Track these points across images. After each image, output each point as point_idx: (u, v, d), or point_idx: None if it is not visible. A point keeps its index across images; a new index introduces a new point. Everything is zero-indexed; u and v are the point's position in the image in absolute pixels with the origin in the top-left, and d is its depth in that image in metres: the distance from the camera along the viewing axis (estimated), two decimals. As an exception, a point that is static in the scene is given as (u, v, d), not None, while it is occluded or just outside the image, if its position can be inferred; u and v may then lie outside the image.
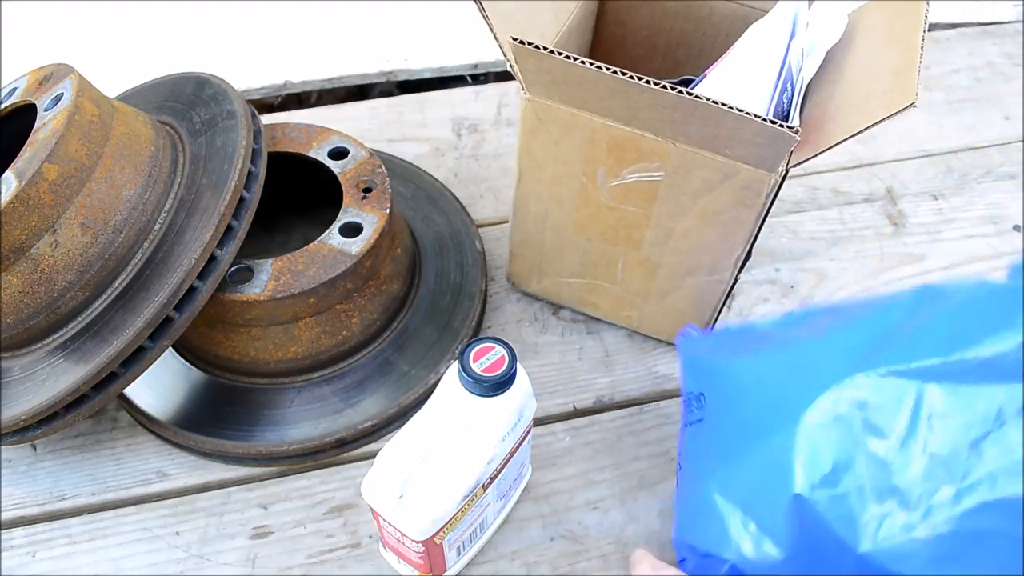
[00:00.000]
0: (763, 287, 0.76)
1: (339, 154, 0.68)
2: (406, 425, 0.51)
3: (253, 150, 0.60)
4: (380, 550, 0.58)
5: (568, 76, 0.53)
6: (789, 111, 0.57)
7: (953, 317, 0.44)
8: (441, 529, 0.49)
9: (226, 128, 0.60)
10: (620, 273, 0.66)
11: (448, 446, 0.49)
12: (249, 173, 0.59)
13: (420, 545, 0.50)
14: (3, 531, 0.60)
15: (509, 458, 0.53)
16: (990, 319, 0.43)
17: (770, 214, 0.58)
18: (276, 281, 0.60)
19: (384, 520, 0.50)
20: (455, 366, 0.48)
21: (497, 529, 0.60)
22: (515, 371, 0.48)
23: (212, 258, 0.56)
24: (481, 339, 0.48)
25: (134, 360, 0.55)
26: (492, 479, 0.52)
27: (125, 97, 0.69)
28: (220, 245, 0.57)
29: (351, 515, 0.61)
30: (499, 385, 0.47)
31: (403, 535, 0.49)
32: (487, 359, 0.47)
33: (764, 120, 0.48)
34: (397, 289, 0.68)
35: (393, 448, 0.50)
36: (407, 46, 0.99)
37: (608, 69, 0.50)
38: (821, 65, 0.61)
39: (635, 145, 0.56)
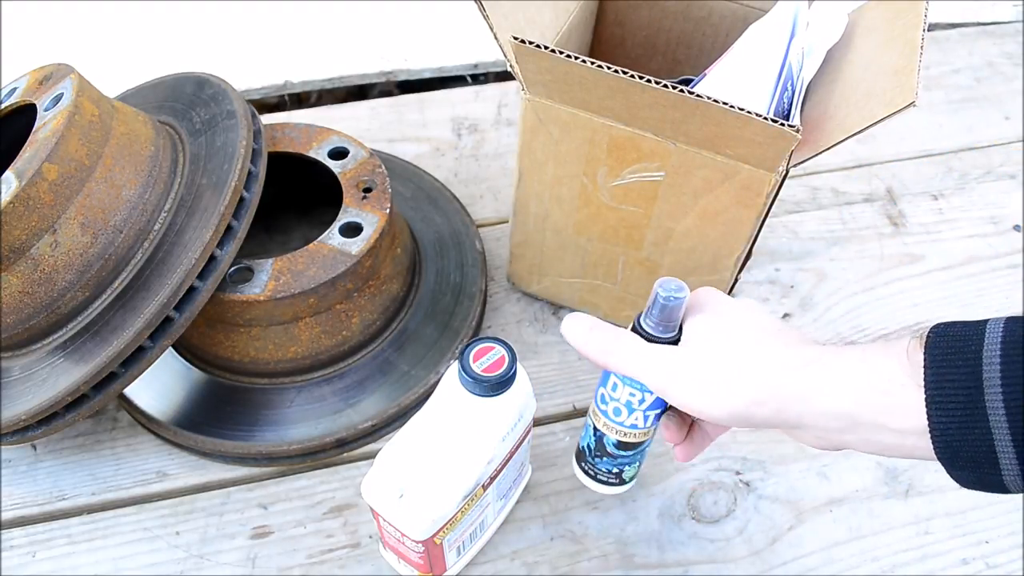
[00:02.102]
0: (763, 287, 0.76)
1: (339, 154, 0.68)
2: (406, 425, 0.51)
3: (253, 150, 0.60)
4: (380, 550, 0.58)
5: (569, 75, 0.53)
6: (789, 111, 0.57)
7: None
8: (441, 529, 0.49)
9: (226, 128, 0.60)
10: (620, 273, 0.66)
11: (448, 446, 0.49)
12: (249, 173, 0.59)
13: (420, 545, 0.50)
14: (3, 531, 0.60)
15: (509, 458, 0.53)
16: None
17: (770, 214, 0.58)
18: (276, 281, 0.60)
19: (384, 520, 0.50)
20: (455, 366, 0.48)
21: (497, 529, 0.60)
22: (515, 371, 0.48)
23: (212, 258, 0.56)
24: (481, 339, 0.48)
25: (134, 360, 0.55)
26: (492, 479, 0.52)
27: (125, 97, 0.69)
28: (220, 245, 0.57)
29: (351, 515, 0.61)
30: (499, 385, 0.47)
31: (403, 535, 0.49)
32: (487, 359, 0.47)
33: (765, 119, 0.48)
34: (397, 289, 0.68)
35: (393, 448, 0.50)
36: (407, 46, 0.99)
37: (609, 68, 0.50)
38: (821, 65, 0.61)
39: (635, 145, 0.56)
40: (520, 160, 0.62)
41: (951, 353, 0.35)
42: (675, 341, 0.46)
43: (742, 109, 0.49)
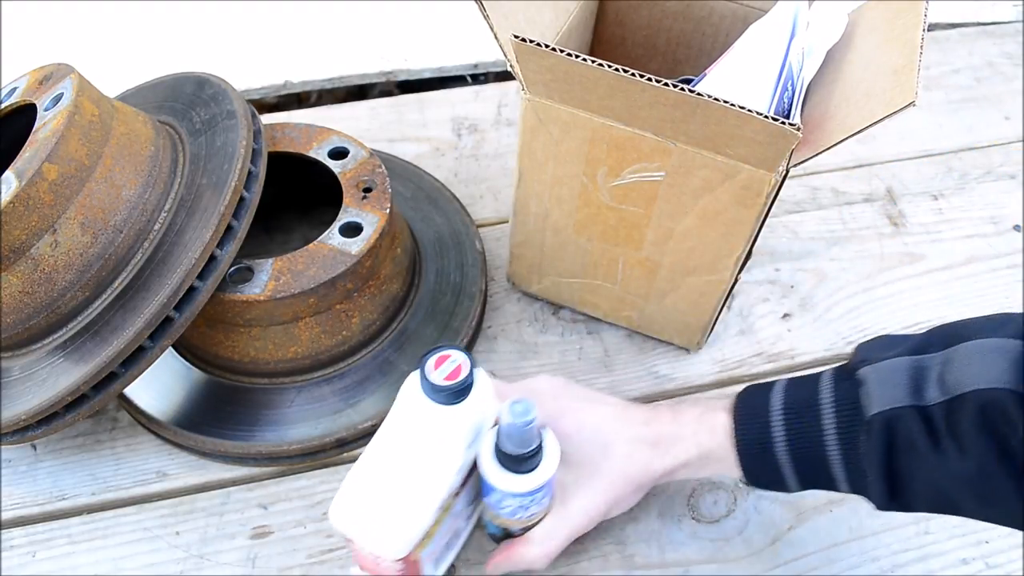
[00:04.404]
0: (763, 287, 0.76)
1: (339, 154, 0.68)
2: (370, 444, 0.50)
3: (253, 150, 0.60)
4: (352, 570, 0.56)
5: (569, 75, 0.53)
6: (790, 111, 0.57)
7: None
8: (418, 545, 0.48)
9: (226, 128, 0.60)
10: (620, 273, 0.66)
11: (415, 460, 0.48)
12: (249, 173, 0.59)
13: (398, 563, 0.48)
14: (3, 531, 0.60)
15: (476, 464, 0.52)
16: None
17: (770, 214, 0.58)
18: (276, 281, 0.60)
19: (358, 544, 0.49)
20: (413, 377, 0.47)
21: (472, 532, 0.59)
22: (474, 376, 0.47)
23: (212, 258, 0.56)
24: (437, 348, 0.47)
25: (134, 360, 0.55)
26: (463, 486, 0.51)
27: (125, 97, 0.69)
28: (220, 245, 0.57)
29: (351, 515, 0.61)
30: (460, 391, 0.46)
31: (379, 557, 0.48)
32: (446, 367, 0.47)
33: (766, 117, 0.48)
34: (397, 289, 0.68)
35: (360, 469, 0.49)
36: (407, 46, 0.99)
37: (609, 67, 0.50)
38: (821, 65, 0.61)
39: (636, 145, 0.56)
40: (520, 160, 0.62)
41: (748, 418, 0.52)
42: (538, 449, 0.49)
43: (743, 107, 0.49)
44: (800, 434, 0.49)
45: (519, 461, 0.49)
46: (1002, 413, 0.43)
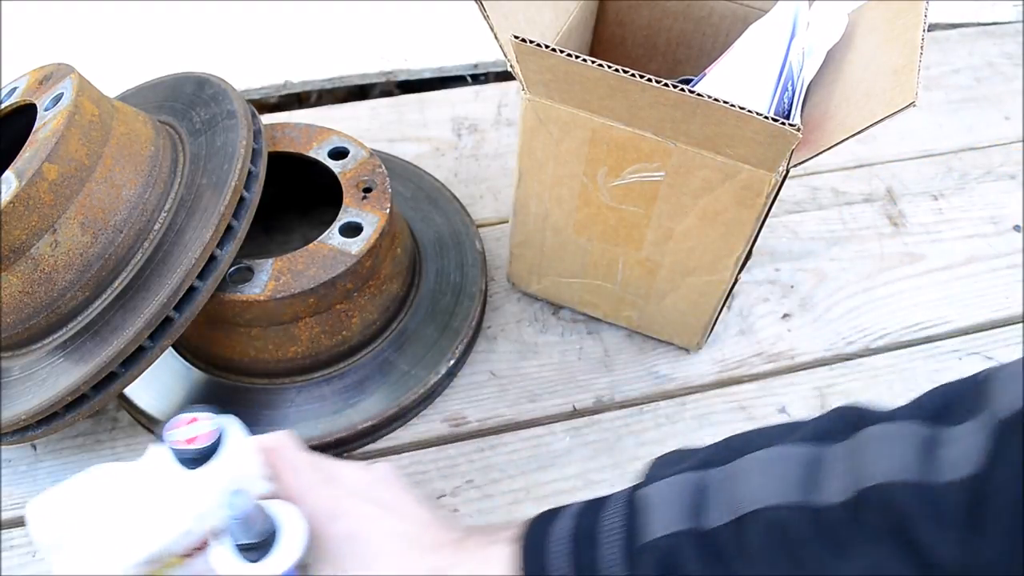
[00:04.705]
0: (763, 287, 0.76)
1: (339, 154, 0.68)
2: (109, 467, 0.46)
3: (253, 150, 0.60)
4: None
5: (569, 75, 0.53)
6: (790, 111, 0.57)
7: None
8: None
9: (226, 128, 0.60)
10: (620, 273, 0.66)
11: (135, 506, 0.44)
12: (249, 173, 0.59)
13: None
14: (3, 531, 0.60)
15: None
16: None
17: (770, 214, 0.58)
18: (276, 281, 0.60)
19: (47, 555, 0.44)
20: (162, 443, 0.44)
21: None
22: (222, 446, 0.44)
23: (212, 258, 0.56)
24: (194, 408, 0.45)
25: (134, 360, 0.55)
26: (198, 550, 0.46)
27: (125, 97, 0.69)
28: (220, 245, 0.57)
29: (351, 515, 0.61)
30: (196, 460, 0.44)
31: None
32: (191, 429, 0.44)
33: (766, 118, 0.48)
34: (397, 289, 0.68)
35: (84, 485, 0.44)
36: (407, 46, 0.99)
37: (609, 67, 0.50)
38: (821, 65, 0.61)
39: (636, 145, 0.56)
40: (520, 160, 0.62)
41: (531, 550, 0.46)
42: (261, 544, 0.43)
43: (743, 107, 0.49)
44: (582, 567, 0.44)
45: (245, 550, 0.44)
46: (788, 534, 0.38)
